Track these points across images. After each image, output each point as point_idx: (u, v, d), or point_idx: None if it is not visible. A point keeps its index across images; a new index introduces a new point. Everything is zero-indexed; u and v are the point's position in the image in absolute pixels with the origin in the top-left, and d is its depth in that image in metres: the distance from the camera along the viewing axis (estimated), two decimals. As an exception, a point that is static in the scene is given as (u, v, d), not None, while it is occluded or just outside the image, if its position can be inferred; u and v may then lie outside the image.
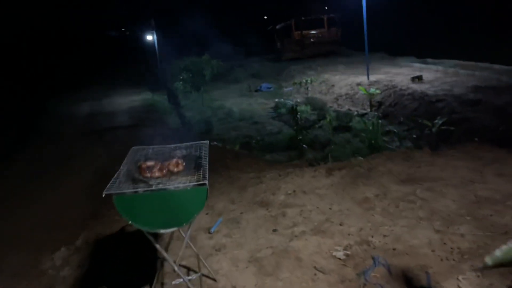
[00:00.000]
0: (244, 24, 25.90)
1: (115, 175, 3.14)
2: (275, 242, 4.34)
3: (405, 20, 20.97)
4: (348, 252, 3.97)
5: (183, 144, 3.74)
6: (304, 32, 23.51)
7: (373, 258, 3.79)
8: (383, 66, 17.70)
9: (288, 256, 4.03)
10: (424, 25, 20.55)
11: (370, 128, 11.07)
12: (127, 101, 18.09)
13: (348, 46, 23.41)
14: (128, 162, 3.39)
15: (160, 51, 18.55)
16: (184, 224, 2.88)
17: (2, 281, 5.13)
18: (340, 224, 4.45)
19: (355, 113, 14.40)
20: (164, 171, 3.11)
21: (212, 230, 4.76)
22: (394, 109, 13.96)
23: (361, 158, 6.30)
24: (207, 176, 2.97)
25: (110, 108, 16.83)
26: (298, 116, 12.20)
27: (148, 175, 3.05)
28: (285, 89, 18.25)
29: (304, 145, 11.33)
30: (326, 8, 23.56)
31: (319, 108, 15.23)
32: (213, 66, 15.70)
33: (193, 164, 3.28)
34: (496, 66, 14.66)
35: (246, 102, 17.09)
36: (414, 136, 10.82)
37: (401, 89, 14.43)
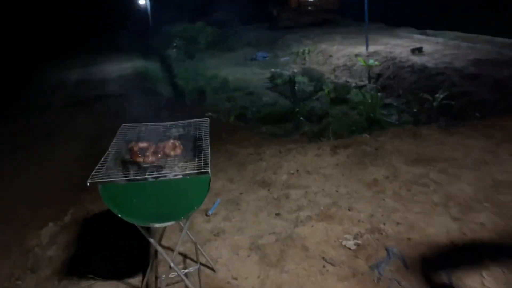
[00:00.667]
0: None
1: (102, 159, 2.71)
2: (278, 227, 3.98)
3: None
4: (359, 242, 3.62)
5: (180, 122, 3.30)
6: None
7: (386, 250, 3.45)
8: (381, 37, 17.11)
9: (293, 244, 3.68)
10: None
11: (369, 100, 10.67)
12: (117, 68, 17.38)
13: (347, 15, 22.64)
14: (117, 142, 2.95)
15: (153, 16, 17.73)
16: (183, 218, 2.48)
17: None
18: (349, 209, 4.09)
19: (353, 85, 13.94)
20: (159, 154, 2.67)
21: (209, 212, 4.38)
22: (393, 82, 13.50)
23: (367, 136, 5.90)
24: (209, 162, 2.55)
25: (100, 75, 16.15)
26: (295, 87, 11.73)
27: (141, 159, 2.61)
28: (281, 59, 17.64)
29: (301, 118, 10.92)
30: (324, -26, 22.66)
31: (316, 79, 14.73)
32: (208, 34, 15.03)
33: (192, 146, 2.86)
34: (498, 39, 14.19)
35: (241, 71, 16.49)
36: (415, 110, 10.43)
37: (400, 61, 13.94)
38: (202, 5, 21.82)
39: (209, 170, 2.45)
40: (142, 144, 2.77)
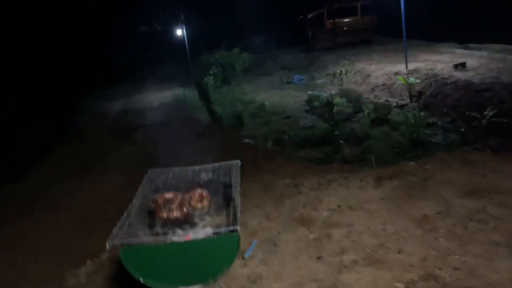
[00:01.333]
0: (275, 15, 24.91)
1: (125, 213, 2.46)
2: (320, 273, 3.59)
3: (442, 3, 19.48)
4: (412, 291, 3.18)
5: (210, 166, 3.03)
6: (337, 20, 22.29)
7: (446, 303, 3.00)
8: (421, 53, 16.46)
9: (337, 294, 3.29)
10: (463, 7, 19.05)
11: (412, 120, 10.11)
12: (158, 97, 17.62)
13: (382, 33, 22.07)
14: (142, 192, 2.71)
15: (190, 46, 17.94)
16: (211, 280, 2.18)
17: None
18: (398, 252, 3.66)
19: (394, 104, 13.36)
20: (185, 208, 2.40)
21: (246, 255, 4.05)
22: (435, 100, 12.82)
23: (413, 163, 5.43)
24: (239, 217, 2.25)
25: (141, 105, 16.40)
26: (334, 109, 11.32)
27: (165, 215, 2.35)
28: (318, 81, 17.29)
29: (340, 141, 10.48)
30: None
31: (355, 100, 14.25)
32: (244, 59, 14.94)
33: (221, 196, 2.57)
34: (548, 50, 13.25)
35: (278, 95, 16.27)
36: (462, 129, 9.75)
37: (442, 78, 13.24)
38: (238, 31, 21.92)
39: (238, 227, 2.15)
40: (168, 195, 2.52)
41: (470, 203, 4.17)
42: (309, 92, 15.03)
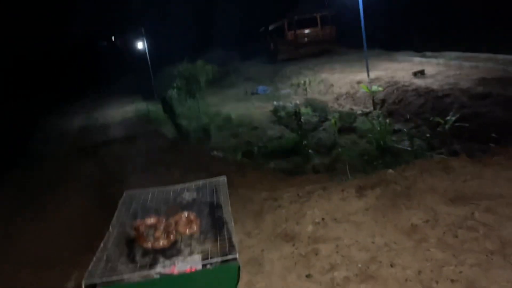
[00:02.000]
0: (236, 27, 24.80)
1: (101, 244, 2.12)
2: (312, 294, 3.34)
3: (398, 13, 20.00)
4: (412, 308, 2.98)
5: (193, 184, 2.72)
6: (298, 31, 22.44)
7: (450, 320, 2.81)
8: (381, 62, 16.76)
9: (332, 317, 3.04)
10: (418, 17, 19.60)
11: (378, 128, 10.13)
12: (120, 112, 17.02)
13: (343, 44, 22.41)
14: (119, 218, 2.37)
15: (151, 59, 17.48)
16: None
17: None
18: (391, 265, 3.45)
19: (358, 112, 13.44)
20: (172, 236, 2.08)
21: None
22: (399, 107, 12.99)
23: (391, 171, 5.30)
24: (236, 243, 1.96)
25: (103, 120, 15.76)
26: (301, 119, 11.21)
27: (149, 244, 2.02)
28: (282, 91, 17.24)
29: (309, 150, 10.36)
30: (318, 6, 22.49)
31: (320, 109, 14.25)
32: (208, 72, 14.67)
33: (209, 219, 2.27)
34: (500, 56, 13.74)
35: (244, 106, 16.07)
36: (428, 135, 9.84)
37: (404, 85, 13.48)
38: (201, 43, 21.62)
39: (237, 255, 1.86)
40: (150, 221, 2.19)
41: (456, 210, 4.05)
42: (275, 103, 14.91)
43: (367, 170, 7.47)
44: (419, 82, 13.31)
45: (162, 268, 1.93)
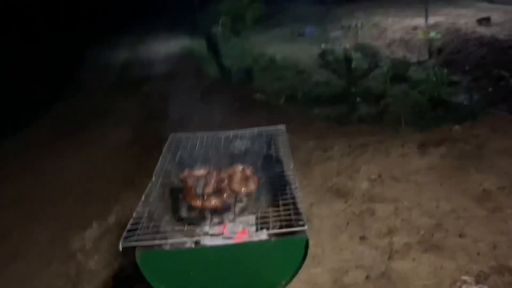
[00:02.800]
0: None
1: (142, 197, 1.80)
2: (366, 258, 2.99)
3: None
4: (485, 287, 2.59)
5: (247, 131, 2.34)
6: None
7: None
8: (442, 7, 15.31)
9: (390, 287, 2.70)
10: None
11: (433, 79, 9.34)
12: (164, 48, 16.64)
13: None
14: (163, 165, 2.04)
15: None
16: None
17: (29, 262, 4.16)
18: (460, 235, 3.04)
19: (412, 61, 12.47)
20: (226, 194, 1.74)
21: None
22: (457, 57, 11.89)
23: (458, 128, 4.73)
24: (303, 211, 1.59)
25: (147, 56, 15.47)
26: (352, 65, 10.50)
27: (199, 203, 1.69)
28: (332, 34, 16.20)
29: (357, 98, 9.74)
30: None
31: (371, 55, 13.34)
32: (255, 10, 13.86)
33: (268, 175, 1.90)
34: None
35: (290, 48, 15.26)
36: (490, 89, 8.96)
37: (465, 33, 12.29)
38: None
39: (305, 227, 1.49)
40: (199, 172, 1.84)
41: (537, 177, 3.52)
42: (323, 46, 14.06)
43: (420, 124, 6.91)
44: (483, 30, 12.07)
45: (210, 229, 1.59)
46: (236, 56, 14.27)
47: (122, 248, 1.54)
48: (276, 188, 1.82)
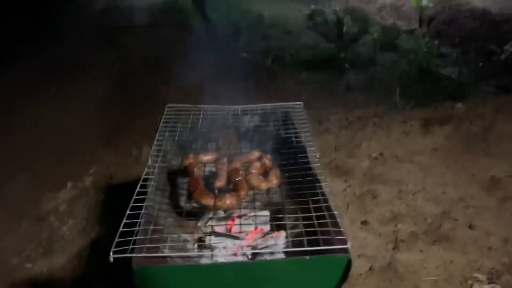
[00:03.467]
0: None
1: (137, 188, 1.44)
2: (370, 247, 2.75)
3: None
4: (498, 287, 2.40)
5: (259, 107, 1.96)
6: None
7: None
8: (435, -26, 14.80)
9: (399, 282, 2.47)
10: None
11: (424, 49, 9.05)
12: (146, -4, 15.65)
13: None
14: (161, 146, 1.67)
15: None
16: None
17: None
18: (470, 227, 2.82)
19: (403, 28, 12.08)
20: (243, 192, 1.39)
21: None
22: (448, 28, 11.58)
23: (460, 106, 4.47)
24: (341, 224, 1.27)
25: (128, 4, 14.49)
26: (344, 29, 10.03)
27: (210, 201, 1.34)
28: (322, -6, 15.53)
29: (346, 65, 9.39)
30: None
31: (361, 20, 12.86)
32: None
33: (290, 168, 1.56)
34: None
35: (278, 6, 14.60)
36: (481, 64, 8.74)
37: (458, 4, 11.94)
38: None
39: (348, 245, 1.18)
40: (206, 157, 1.48)
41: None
42: (312, 7, 13.46)
43: (416, 97, 6.67)
44: (476, 2, 11.74)
45: (215, 225, 1.25)
46: (222, 12, 13.52)
47: (112, 259, 1.19)
48: (302, 185, 1.49)
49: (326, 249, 1.19)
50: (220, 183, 1.42)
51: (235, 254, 1.43)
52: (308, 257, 1.16)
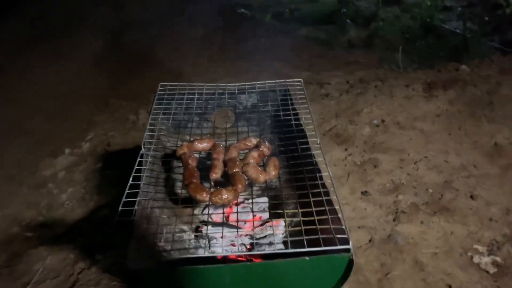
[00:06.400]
0: None
1: (130, 180, 1.36)
2: (370, 218, 2.72)
3: None
4: (498, 259, 2.39)
5: (256, 84, 1.85)
6: None
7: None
8: None
9: (398, 254, 2.45)
10: None
11: (428, 2, 8.69)
12: None
13: None
14: (154, 130, 1.58)
15: None
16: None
17: (-1, 184, 3.77)
18: (471, 197, 2.78)
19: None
20: (241, 186, 1.32)
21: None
22: (452, -21, 11.14)
23: (465, 68, 4.32)
24: (343, 216, 1.20)
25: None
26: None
27: (206, 196, 1.27)
28: None
29: (347, 20, 9.05)
30: None
31: (363, -29, 12.29)
32: None
33: (289, 155, 1.48)
34: None
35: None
36: (486, 18, 8.41)
37: (464, -47, 11.39)
38: None
39: (350, 245, 1.12)
40: (201, 145, 1.40)
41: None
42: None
43: (420, 56, 6.46)
44: (483, -50, 11.17)
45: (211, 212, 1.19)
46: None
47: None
48: (301, 175, 1.41)
49: (327, 250, 1.13)
50: (216, 175, 1.34)
51: (233, 245, 1.38)
52: (307, 258, 1.11)
